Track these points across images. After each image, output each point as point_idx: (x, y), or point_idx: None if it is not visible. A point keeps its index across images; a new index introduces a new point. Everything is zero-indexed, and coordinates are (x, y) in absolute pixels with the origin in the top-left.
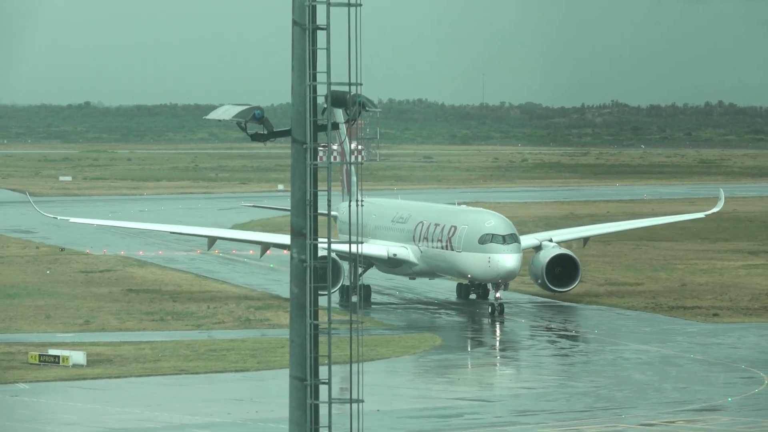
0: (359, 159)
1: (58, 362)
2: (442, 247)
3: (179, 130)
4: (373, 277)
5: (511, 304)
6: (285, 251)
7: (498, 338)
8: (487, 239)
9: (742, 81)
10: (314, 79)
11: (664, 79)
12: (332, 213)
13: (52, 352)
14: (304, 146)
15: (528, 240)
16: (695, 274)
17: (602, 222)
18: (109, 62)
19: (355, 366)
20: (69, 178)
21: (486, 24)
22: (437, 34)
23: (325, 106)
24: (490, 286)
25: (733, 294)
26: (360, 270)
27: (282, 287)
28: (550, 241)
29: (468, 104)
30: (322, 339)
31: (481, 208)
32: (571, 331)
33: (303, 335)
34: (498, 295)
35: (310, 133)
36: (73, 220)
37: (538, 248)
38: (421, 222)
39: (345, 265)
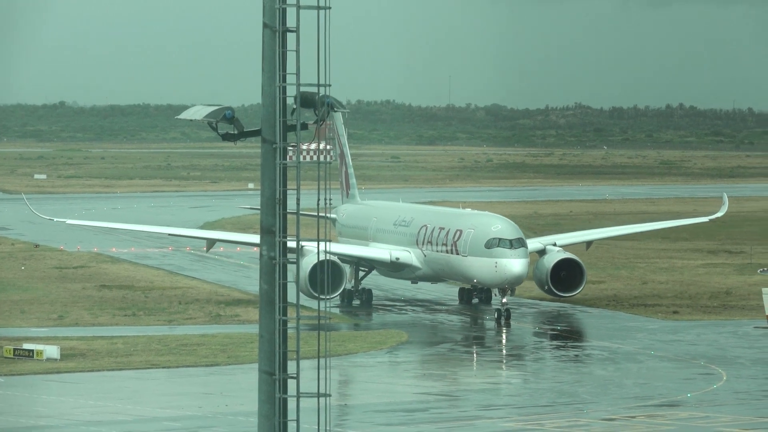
0: (327, 158)
1: (32, 356)
2: (447, 251)
3: (152, 130)
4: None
5: (478, 304)
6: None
7: (463, 335)
8: (493, 243)
9: (702, 84)
10: (284, 80)
11: (626, 82)
12: (331, 215)
13: (27, 346)
14: (274, 146)
15: (532, 244)
16: (656, 273)
17: (566, 221)
18: (83, 63)
19: (322, 361)
20: (44, 177)
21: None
22: (405, 37)
23: (295, 106)
24: (495, 291)
25: (692, 292)
26: (362, 273)
27: (252, 283)
28: (554, 245)
29: (435, 106)
30: (291, 334)
31: (488, 212)
32: (535, 328)
33: (272, 330)
34: (504, 300)
35: (279, 133)
36: (69, 221)
37: (542, 252)
38: (425, 225)
39: (346, 270)
